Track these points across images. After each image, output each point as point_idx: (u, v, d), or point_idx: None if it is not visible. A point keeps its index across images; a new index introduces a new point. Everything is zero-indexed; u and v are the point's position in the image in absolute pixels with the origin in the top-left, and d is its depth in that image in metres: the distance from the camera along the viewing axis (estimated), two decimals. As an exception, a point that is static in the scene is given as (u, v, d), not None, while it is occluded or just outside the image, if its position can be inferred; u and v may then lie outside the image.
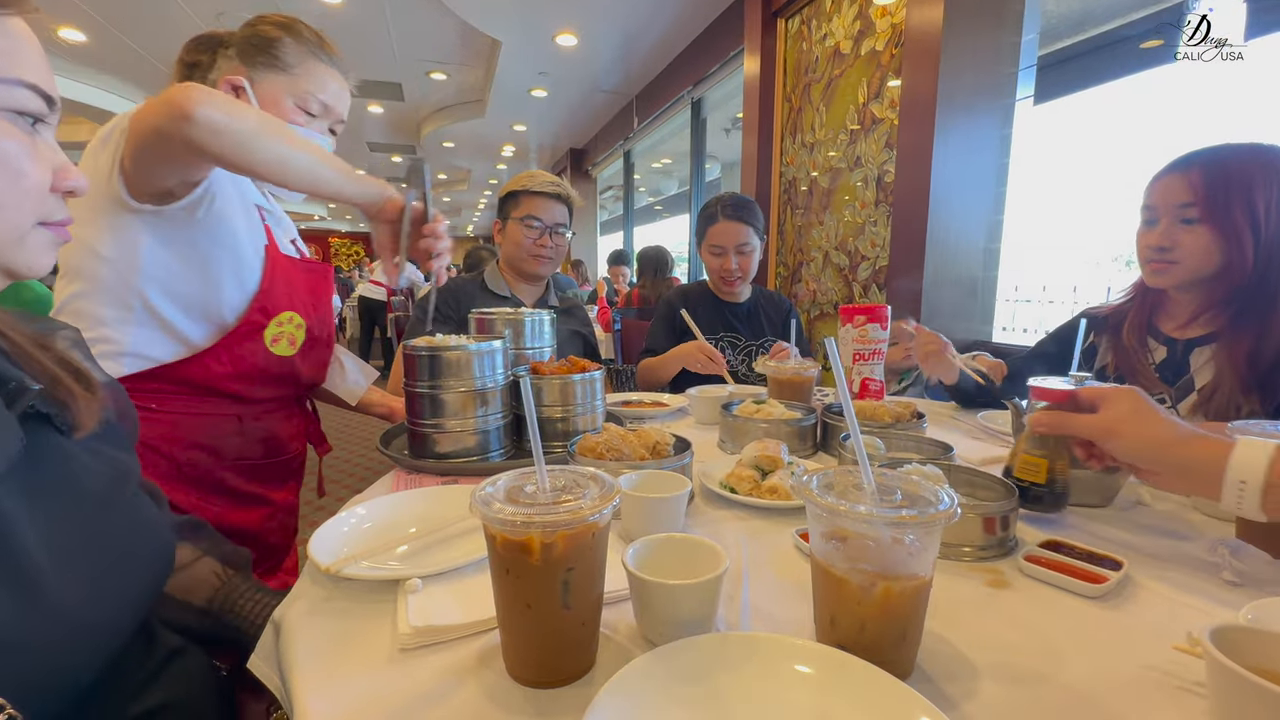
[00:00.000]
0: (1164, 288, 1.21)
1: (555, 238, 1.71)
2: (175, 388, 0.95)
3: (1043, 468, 0.77)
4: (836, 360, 0.53)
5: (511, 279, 1.77)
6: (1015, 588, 0.61)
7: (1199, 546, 0.69)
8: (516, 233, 1.70)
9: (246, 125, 0.79)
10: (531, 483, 0.49)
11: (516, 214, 1.70)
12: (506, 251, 1.76)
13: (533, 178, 1.71)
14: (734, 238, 1.80)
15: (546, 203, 1.70)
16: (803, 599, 0.57)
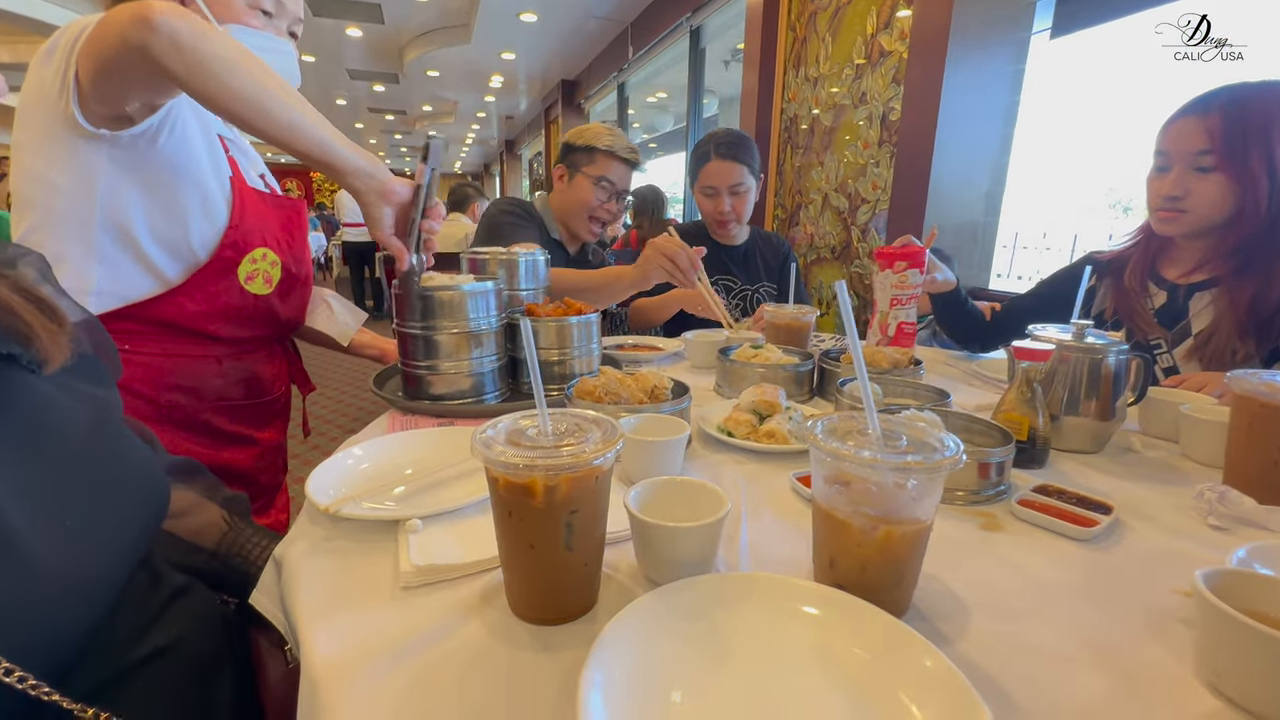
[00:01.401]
0: (1172, 235, 1.20)
1: (618, 204, 1.69)
2: (149, 328, 0.92)
3: (1024, 425, 0.77)
4: (847, 307, 0.52)
5: (563, 229, 1.74)
6: (1008, 530, 0.62)
7: (1187, 492, 0.70)
8: (586, 191, 1.66)
9: (212, 48, 0.73)
10: (533, 425, 0.48)
11: (590, 170, 1.65)
12: (566, 204, 1.71)
13: (615, 137, 1.66)
14: (727, 178, 1.74)
15: (624, 169, 1.67)
16: (800, 540, 0.58)
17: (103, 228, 0.86)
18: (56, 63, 0.79)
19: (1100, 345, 0.82)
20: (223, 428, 1.01)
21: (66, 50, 0.78)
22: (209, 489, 0.81)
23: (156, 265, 0.91)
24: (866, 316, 2.83)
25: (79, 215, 0.85)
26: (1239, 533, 0.62)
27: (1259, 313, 1.10)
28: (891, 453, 0.44)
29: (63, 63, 0.78)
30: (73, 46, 0.78)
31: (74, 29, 0.79)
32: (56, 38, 0.80)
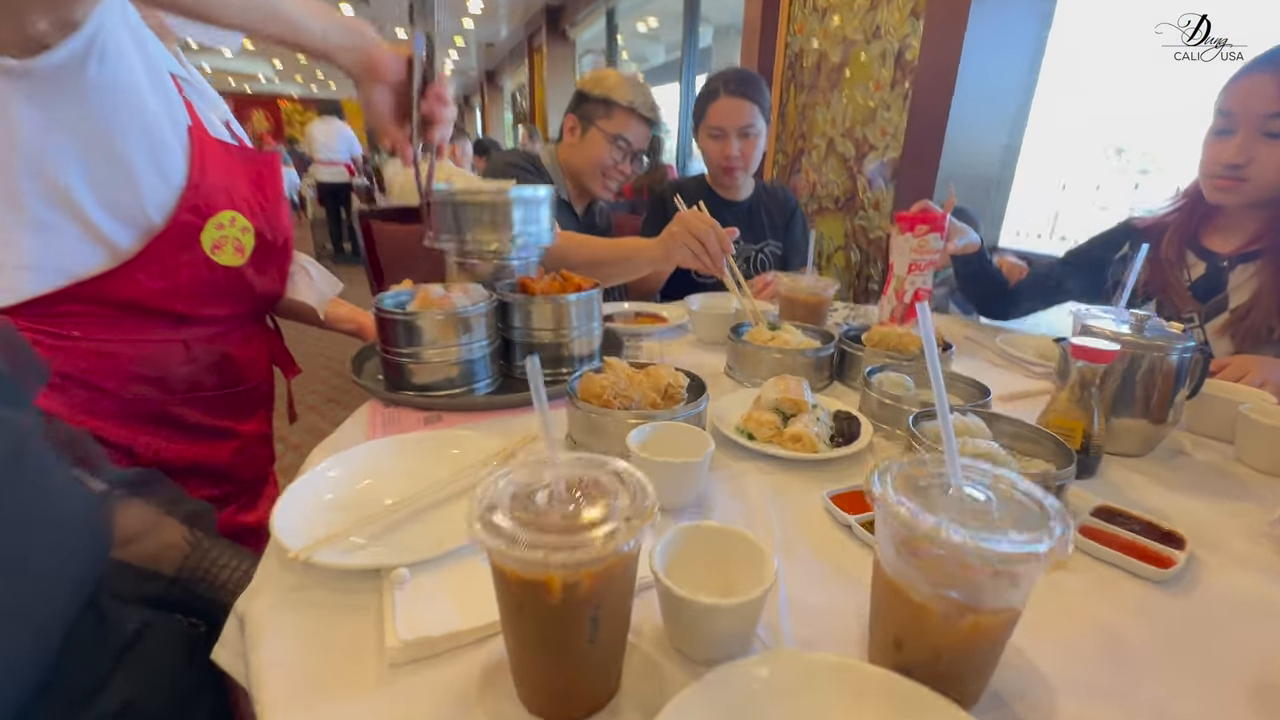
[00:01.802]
0: (1226, 205, 1.10)
1: (634, 163, 1.55)
2: (100, 309, 0.78)
3: (1078, 432, 0.69)
4: (929, 327, 0.42)
5: (571, 187, 1.60)
6: (1074, 569, 0.55)
7: (1252, 509, 0.64)
8: (600, 148, 1.51)
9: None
10: (542, 482, 0.39)
11: (607, 126, 1.50)
12: (577, 160, 1.57)
13: (636, 91, 1.50)
14: (737, 117, 1.59)
15: (643, 128, 1.52)
16: (843, 588, 0.51)
17: (30, 184, 0.70)
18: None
19: (1163, 342, 0.73)
20: (197, 421, 0.89)
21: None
22: (168, 502, 0.72)
23: (103, 232, 0.76)
24: (868, 271, 2.74)
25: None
26: (1322, 567, 0.56)
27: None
28: (987, 533, 0.36)
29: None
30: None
31: None
32: None
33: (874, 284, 2.71)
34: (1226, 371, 0.96)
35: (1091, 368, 0.70)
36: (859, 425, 0.78)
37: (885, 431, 0.81)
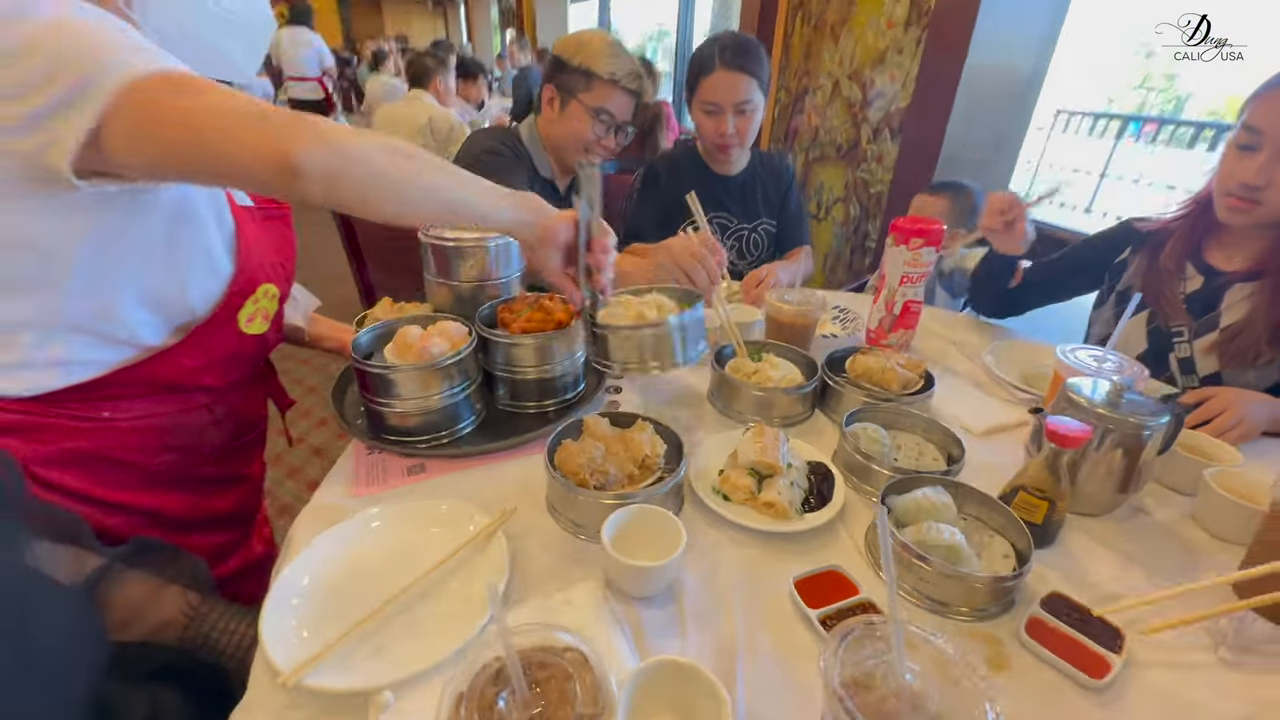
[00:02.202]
0: (1234, 225, 1.06)
1: (619, 136, 1.45)
2: (134, 389, 0.77)
3: (1042, 510, 0.72)
4: (888, 546, 0.43)
5: (554, 163, 1.52)
6: (1015, 670, 0.59)
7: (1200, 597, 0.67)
8: (581, 122, 1.41)
9: (371, 167, 0.62)
10: (503, 684, 0.41)
11: (587, 99, 1.39)
12: (557, 135, 1.47)
13: (617, 60, 1.37)
14: (733, 93, 1.48)
15: (627, 100, 1.41)
16: (798, 698, 0.55)
17: (77, 296, 0.68)
18: (36, 100, 0.55)
19: (1137, 419, 0.74)
20: (212, 475, 0.91)
21: (72, 91, 0.55)
22: (162, 564, 0.75)
23: (143, 334, 0.75)
24: (866, 228, 2.66)
25: (44, 281, 0.66)
26: (1247, 667, 0.60)
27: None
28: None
29: (57, 106, 0.55)
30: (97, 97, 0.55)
31: (87, 65, 0.55)
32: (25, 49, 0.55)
33: (871, 241, 2.65)
34: (1206, 407, 0.97)
35: (1062, 452, 0.71)
36: (832, 484, 0.80)
37: (855, 485, 0.83)
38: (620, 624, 0.62)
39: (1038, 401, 1.06)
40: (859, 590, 0.66)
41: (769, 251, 1.77)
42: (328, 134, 0.58)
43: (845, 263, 2.83)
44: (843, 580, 0.67)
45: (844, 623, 0.47)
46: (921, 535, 0.67)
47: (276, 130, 0.56)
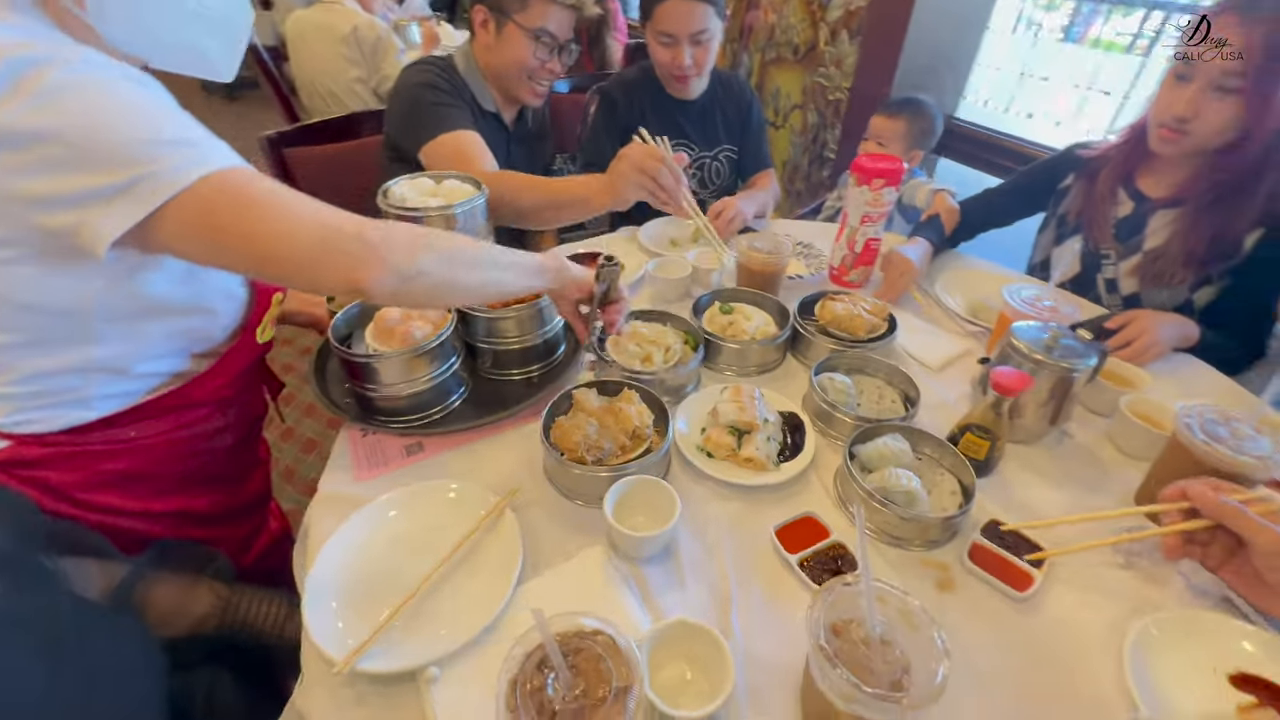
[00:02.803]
0: (1166, 155, 1.12)
1: (564, 57, 1.33)
2: (160, 411, 0.78)
3: (985, 447, 0.82)
4: (865, 556, 0.50)
5: (497, 94, 1.40)
6: (959, 589, 0.71)
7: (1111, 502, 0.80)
8: (520, 47, 1.29)
9: (429, 279, 0.67)
10: (547, 668, 0.48)
11: (524, 19, 1.26)
12: (496, 63, 1.34)
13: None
14: (689, 22, 1.40)
15: (565, 14, 1.27)
16: (787, 636, 0.66)
17: (104, 346, 0.68)
18: (71, 184, 0.52)
19: (1069, 365, 0.83)
20: (231, 468, 0.94)
21: (114, 187, 0.52)
22: (185, 562, 0.79)
23: (169, 367, 0.77)
24: (824, 137, 2.62)
25: (71, 337, 0.66)
26: (1138, 567, 0.74)
27: (1212, 245, 1.11)
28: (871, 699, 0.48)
29: (96, 195, 0.52)
30: (146, 200, 0.53)
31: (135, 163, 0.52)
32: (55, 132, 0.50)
33: (829, 151, 2.62)
34: (1126, 332, 1.07)
35: (1005, 400, 0.80)
36: (803, 433, 0.88)
37: (823, 430, 0.92)
38: (627, 582, 0.70)
39: (984, 334, 1.15)
40: (830, 533, 0.76)
41: (731, 179, 1.75)
42: (390, 259, 0.62)
43: (803, 174, 2.81)
44: (816, 525, 0.77)
45: (826, 584, 0.55)
46: (884, 481, 0.77)
47: (343, 262, 0.60)
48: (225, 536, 0.86)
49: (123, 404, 0.73)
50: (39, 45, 0.49)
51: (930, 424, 0.91)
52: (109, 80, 0.52)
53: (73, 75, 0.50)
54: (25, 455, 0.67)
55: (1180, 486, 0.64)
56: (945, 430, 0.88)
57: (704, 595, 0.70)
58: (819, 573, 0.71)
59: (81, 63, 0.50)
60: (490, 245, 0.78)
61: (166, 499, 0.80)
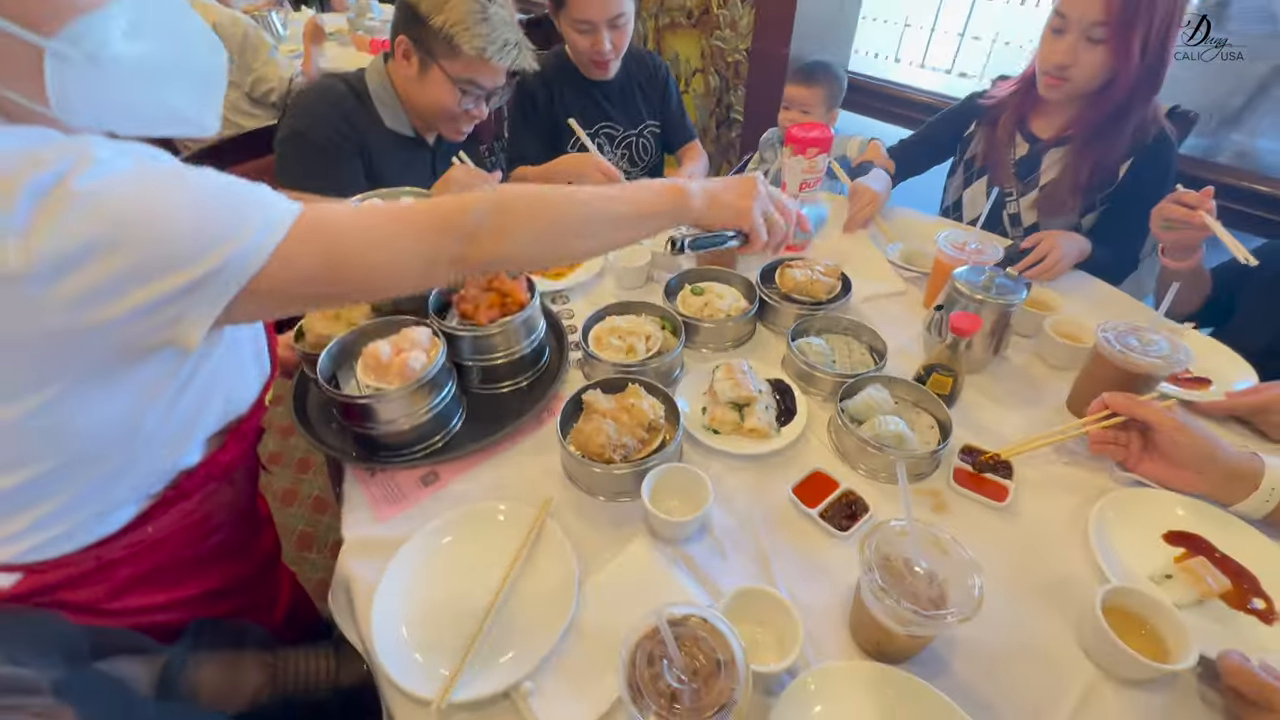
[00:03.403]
0: (1052, 99, 1.27)
1: (493, 100, 1.25)
2: (178, 497, 0.72)
3: (949, 383, 0.93)
4: (906, 492, 0.58)
5: (416, 118, 1.30)
6: (952, 509, 0.83)
7: (1052, 414, 0.95)
8: (444, 93, 1.19)
9: (533, 256, 0.66)
10: (659, 652, 0.54)
11: (451, 68, 1.15)
12: (416, 98, 1.24)
13: (487, 30, 1.12)
14: (606, 7, 1.40)
15: (497, 72, 1.18)
16: (824, 581, 0.74)
17: (142, 460, 0.64)
18: (136, 299, 0.48)
19: (1004, 301, 0.96)
20: (240, 541, 0.88)
21: (183, 290, 0.49)
22: (223, 638, 0.76)
23: (202, 453, 0.72)
24: (729, 99, 2.69)
25: (116, 449, 0.61)
26: (1080, 463, 0.89)
27: (1094, 175, 1.29)
28: (923, 614, 0.57)
29: (165, 302, 0.49)
30: (214, 299, 0.51)
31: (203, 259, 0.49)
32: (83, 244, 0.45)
33: (735, 112, 2.70)
34: (1036, 252, 1.23)
35: (963, 341, 0.91)
36: (792, 396, 0.97)
37: (805, 389, 1.00)
38: (676, 564, 0.76)
39: (918, 278, 1.28)
40: (839, 484, 0.85)
41: (658, 153, 1.79)
42: (489, 249, 0.62)
43: (712, 136, 2.88)
44: (825, 479, 0.86)
45: (868, 531, 0.64)
46: (875, 429, 0.87)
47: (448, 270, 0.62)
48: (250, 604, 0.83)
49: (146, 505, 0.67)
50: (29, 154, 0.44)
51: (895, 369, 1.02)
52: (141, 170, 0.48)
53: (101, 178, 0.45)
54: (43, 583, 0.61)
55: (1102, 399, 0.78)
56: (909, 372, 0.99)
57: (745, 562, 0.77)
58: (839, 519, 0.80)
59: (97, 163, 0.45)
60: (606, 190, 0.70)
61: (187, 585, 0.75)
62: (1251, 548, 0.74)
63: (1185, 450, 0.75)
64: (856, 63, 2.45)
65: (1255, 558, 0.74)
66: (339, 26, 3.10)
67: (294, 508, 1.92)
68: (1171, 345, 0.86)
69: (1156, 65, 1.14)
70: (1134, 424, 0.81)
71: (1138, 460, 0.80)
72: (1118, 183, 1.27)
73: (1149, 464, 0.79)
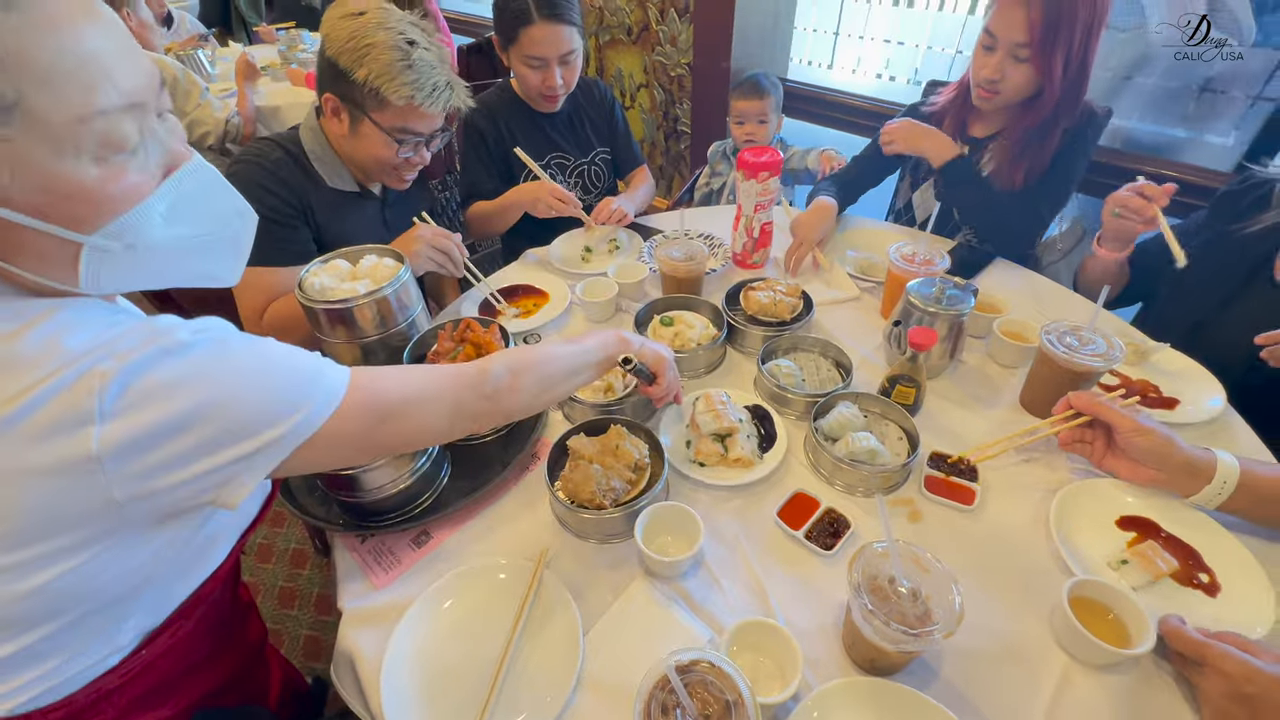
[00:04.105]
0: (985, 109, 1.35)
1: (434, 145, 1.22)
2: (176, 618, 0.69)
3: (913, 393, 0.99)
4: (886, 520, 0.62)
5: (357, 171, 1.26)
6: (926, 518, 0.88)
7: (1007, 415, 1.02)
8: (379, 146, 1.15)
9: (534, 402, 0.77)
10: (671, 701, 0.56)
11: (382, 119, 1.12)
12: (353, 154, 1.20)
13: (414, 77, 1.08)
14: (558, 44, 1.42)
15: (432, 116, 1.14)
16: (816, 603, 0.78)
17: (147, 604, 0.64)
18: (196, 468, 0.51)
19: (956, 311, 1.02)
20: (228, 635, 0.85)
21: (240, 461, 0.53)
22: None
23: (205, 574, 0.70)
24: (675, 112, 2.73)
25: (115, 607, 0.59)
26: (1039, 461, 0.95)
27: (1029, 178, 1.36)
28: (907, 631, 0.62)
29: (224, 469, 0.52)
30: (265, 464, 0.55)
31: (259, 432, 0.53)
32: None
33: (683, 125, 2.74)
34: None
35: (921, 354, 0.97)
36: (772, 421, 1.00)
37: (778, 409, 1.04)
38: (675, 601, 0.79)
39: (874, 288, 1.34)
40: (820, 503, 0.89)
41: (610, 179, 1.81)
42: (505, 405, 0.73)
43: (661, 149, 2.92)
44: (807, 499, 0.90)
45: (858, 550, 0.68)
46: (849, 447, 0.91)
47: (470, 425, 0.71)
48: (249, 694, 0.81)
49: (146, 639, 0.65)
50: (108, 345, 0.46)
51: (861, 381, 1.07)
52: (215, 351, 0.52)
53: (178, 364, 0.48)
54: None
55: (1067, 400, 0.84)
56: (874, 384, 1.04)
57: (740, 591, 0.81)
58: (823, 539, 0.84)
59: (175, 350, 0.49)
60: (575, 347, 0.83)
61: (184, 691, 0.73)
62: (1193, 524, 0.82)
63: (1144, 449, 0.81)
64: (794, 71, 2.52)
65: (1196, 534, 0.81)
66: (270, 60, 3.01)
67: (271, 564, 1.87)
68: (1107, 343, 0.94)
69: (1079, 79, 1.23)
70: (1099, 423, 0.87)
71: (1102, 457, 0.87)
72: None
73: (1113, 461, 0.86)
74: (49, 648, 0.55)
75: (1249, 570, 0.77)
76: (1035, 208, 1.37)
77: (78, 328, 0.47)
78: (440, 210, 1.84)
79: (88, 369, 0.45)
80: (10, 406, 0.43)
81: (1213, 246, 1.14)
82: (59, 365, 0.44)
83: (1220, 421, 0.99)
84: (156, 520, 0.54)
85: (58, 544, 0.48)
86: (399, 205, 1.36)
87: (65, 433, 0.44)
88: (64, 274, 0.50)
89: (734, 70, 2.33)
